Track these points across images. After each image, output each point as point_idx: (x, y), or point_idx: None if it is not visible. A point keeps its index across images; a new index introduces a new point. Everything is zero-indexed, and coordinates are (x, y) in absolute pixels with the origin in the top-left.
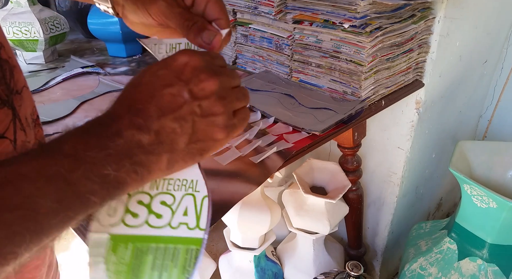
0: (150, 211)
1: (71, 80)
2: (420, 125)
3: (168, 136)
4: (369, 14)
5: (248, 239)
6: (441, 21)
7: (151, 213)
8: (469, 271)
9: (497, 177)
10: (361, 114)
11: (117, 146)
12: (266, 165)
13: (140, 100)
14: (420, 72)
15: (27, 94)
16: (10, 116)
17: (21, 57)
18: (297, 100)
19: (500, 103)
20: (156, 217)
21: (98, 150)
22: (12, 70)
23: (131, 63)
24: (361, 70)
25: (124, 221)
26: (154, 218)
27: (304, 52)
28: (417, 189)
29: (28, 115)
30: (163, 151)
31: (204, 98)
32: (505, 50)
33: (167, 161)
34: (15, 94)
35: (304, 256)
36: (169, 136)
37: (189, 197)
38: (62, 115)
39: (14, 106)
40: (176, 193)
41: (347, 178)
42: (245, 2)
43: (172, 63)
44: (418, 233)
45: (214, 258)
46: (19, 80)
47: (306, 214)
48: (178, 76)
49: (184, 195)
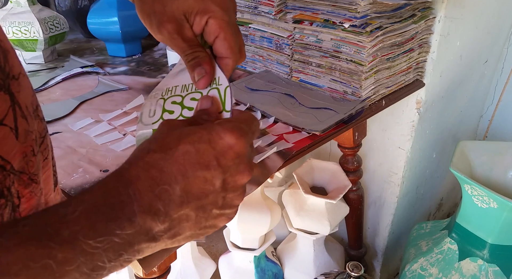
0: (183, 106)
1: (70, 80)
2: (421, 125)
3: (179, 224)
4: (370, 14)
5: (248, 240)
6: (442, 20)
7: (184, 108)
8: (469, 271)
9: (498, 177)
10: (362, 114)
11: (125, 234)
12: (266, 165)
13: (169, 176)
14: (420, 72)
15: (25, 82)
16: (9, 102)
17: (21, 57)
18: (297, 100)
19: (500, 103)
20: (188, 110)
21: (102, 239)
22: (6, 54)
23: (131, 63)
24: (361, 70)
25: (163, 117)
26: (186, 111)
27: (304, 52)
28: (418, 189)
29: (28, 104)
30: (166, 236)
31: (232, 191)
32: (506, 50)
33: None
34: (11, 79)
35: (304, 257)
36: (180, 224)
37: (214, 91)
38: (61, 115)
39: (12, 91)
40: (203, 90)
41: (348, 178)
42: (245, 1)
43: (217, 140)
44: (418, 233)
45: (214, 259)
46: (14, 65)
47: (306, 214)
48: (218, 159)
49: (210, 90)
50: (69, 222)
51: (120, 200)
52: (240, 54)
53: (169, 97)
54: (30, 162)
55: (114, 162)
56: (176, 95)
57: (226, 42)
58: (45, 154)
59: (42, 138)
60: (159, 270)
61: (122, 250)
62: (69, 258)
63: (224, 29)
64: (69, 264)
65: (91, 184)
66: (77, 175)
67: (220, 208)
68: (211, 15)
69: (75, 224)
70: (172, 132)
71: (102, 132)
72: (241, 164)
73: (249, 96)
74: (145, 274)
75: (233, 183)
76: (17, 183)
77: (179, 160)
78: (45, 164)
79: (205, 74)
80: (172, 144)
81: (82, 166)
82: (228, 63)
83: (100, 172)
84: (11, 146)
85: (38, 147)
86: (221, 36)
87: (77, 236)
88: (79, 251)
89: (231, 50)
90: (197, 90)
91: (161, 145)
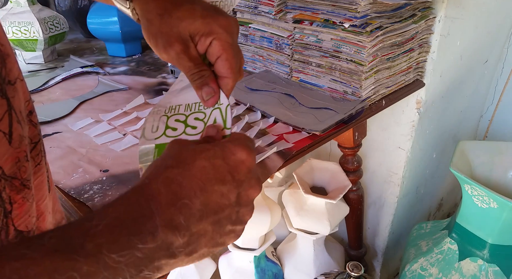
0: (186, 124)
1: (70, 80)
2: (421, 125)
3: (198, 239)
4: (370, 14)
5: (248, 240)
6: (442, 20)
7: (187, 126)
8: (469, 271)
9: (498, 177)
10: (362, 114)
11: (146, 249)
12: (266, 165)
13: (188, 191)
14: (420, 72)
15: (21, 87)
16: (5, 107)
17: (21, 57)
18: (297, 100)
19: (501, 103)
20: (192, 129)
21: (125, 253)
22: (5, 58)
23: (131, 63)
24: (361, 70)
25: (166, 133)
26: (190, 129)
27: (304, 52)
28: (418, 189)
29: (22, 110)
30: (184, 253)
31: (245, 205)
32: (506, 50)
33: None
34: (7, 84)
35: (304, 257)
36: (198, 240)
37: (216, 110)
38: (61, 115)
39: (8, 96)
40: (206, 110)
41: (348, 178)
42: (245, 1)
43: (230, 156)
44: (418, 233)
45: (214, 259)
46: (12, 70)
47: (306, 214)
48: (232, 174)
49: (213, 110)
50: (93, 236)
51: (143, 214)
52: (239, 74)
53: (172, 115)
54: (23, 168)
55: (114, 162)
56: (179, 114)
57: (227, 62)
58: (37, 160)
59: (34, 144)
60: None
61: (143, 266)
62: (92, 272)
63: (227, 50)
64: (92, 277)
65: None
66: (77, 175)
67: (233, 223)
68: (215, 37)
69: (99, 237)
70: (186, 149)
71: (102, 132)
72: (253, 178)
73: (249, 96)
74: None
75: (246, 197)
76: (8, 189)
77: (197, 175)
78: (37, 170)
79: (214, 94)
80: (188, 160)
81: (82, 166)
82: (228, 83)
83: (100, 172)
84: (2, 151)
85: (29, 152)
86: (223, 57)
87: (101, 249)
88: (103, 265)
89: (232, 71)
90: (200, 110)
91: (178, 161)
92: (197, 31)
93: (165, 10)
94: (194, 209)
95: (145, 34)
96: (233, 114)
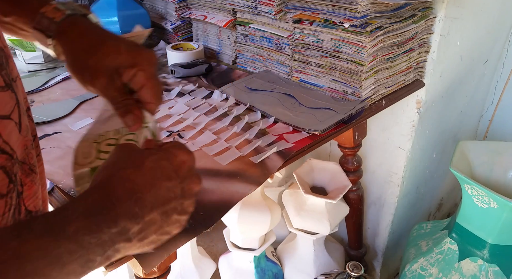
0: None
1: (70, 80)
2: (421, 125)
3: (149, 226)
4: (370, 14)
5: (248, 240)
6: (442, 20)
7: None
8: (469, 271)
9: (498, 177)
10: (362, 114)
11: (111, 233)
12: (266, 165)
13: (141, 187)
14: (420, 72)
15: (21, 85)
16: (15, 100)
17: (21, 56)
18: (297, 100)
19: (501, 103)
20: None
21: (95, 235)
22: (7, 59)
23: None
24: (361, 70)
25: (99, 157)
26: None
27: (304, 52)
28: (418, 189)
29: (22, 104)
30: (137, 239)
31: (188, 198)
32: (506, 50)
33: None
34: (12, 81)
35: (305, 257)
36: (149, 227)
37: (145, 129)
38: (61, 115)
39: (15, 91)
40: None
41: (348, 178)
42: (245, 1)
43: (174, 158)
44: (418, 233)
45: (214, 259)
46: (13, 69)
47: (306, 214)
48: (176, 172)
49: (142, 130)
50: (71, 222)
51: (106, 206)
52: (161, 99)
53: (103, 141)
54: (30, 154)
55: None
56: (110, 138)
57: (152, 90)
58: (37, 151)
59: (33, 137)
60: (159, 270)
61: (107, 246)
62: (73, 250)
63: (150, 80)
64: (73, 254)
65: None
66: None
67: (179, 213)
68: (140, 68)
69: (75, 223)
70: (135, 152)
71: None
72: (194, 175)
73: (249, 96)
74: (145, 274)
75: (189, 191)
76: (20, 172)
77: (147, 174)
78: (38, 159)
79: (137, 120)
80: (138, 162)
81: None
82: (153, 107)
83: None
84: (14, 138)
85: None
86: (149, 86)
87: (77, 232)
88: (80, 245)
89: (156, 97)
90: (130, 132)
91: (129, 162)
92: (122, 64)
93: (90, 47)
94: (146, 201)
95: (69, 68)
96: (233, 114)
